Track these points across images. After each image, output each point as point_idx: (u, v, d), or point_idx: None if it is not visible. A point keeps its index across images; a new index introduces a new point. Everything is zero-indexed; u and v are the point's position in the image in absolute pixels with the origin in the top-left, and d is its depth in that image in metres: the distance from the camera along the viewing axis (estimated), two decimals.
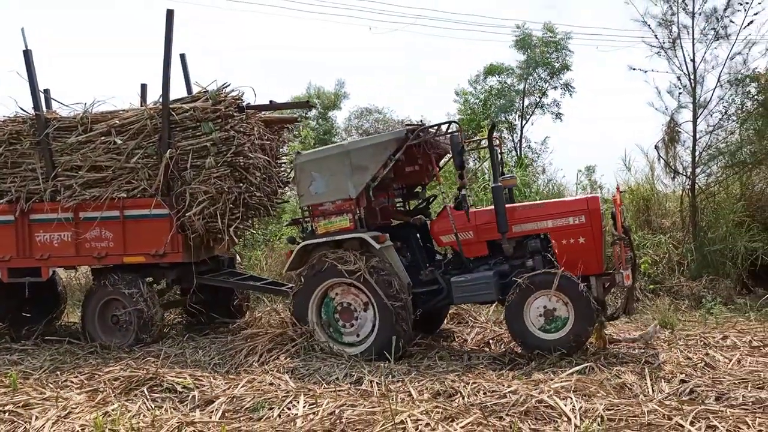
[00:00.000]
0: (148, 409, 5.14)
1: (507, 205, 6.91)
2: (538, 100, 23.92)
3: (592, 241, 6.65)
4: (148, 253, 7.84)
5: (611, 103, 41.99)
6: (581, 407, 4.70)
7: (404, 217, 8.02)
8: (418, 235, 7.75)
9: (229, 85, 7.85)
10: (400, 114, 30.63)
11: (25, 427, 4.75)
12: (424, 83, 48.15)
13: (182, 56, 9.05)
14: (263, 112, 8.53)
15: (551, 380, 5.42)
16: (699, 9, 10.06)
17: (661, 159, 10.86)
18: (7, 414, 5.05)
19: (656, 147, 10.80)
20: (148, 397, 5.44)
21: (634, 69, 10.51)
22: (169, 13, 7.82)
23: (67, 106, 8.35)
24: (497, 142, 7.29)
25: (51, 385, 5.94)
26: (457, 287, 6.76)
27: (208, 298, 8.69)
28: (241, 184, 7.69)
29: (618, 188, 7.47)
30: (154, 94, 9.65)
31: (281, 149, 9.07)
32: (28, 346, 7.83)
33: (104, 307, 7.96)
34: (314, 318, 6.94)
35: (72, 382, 6.14)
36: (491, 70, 23.63)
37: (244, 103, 7.96)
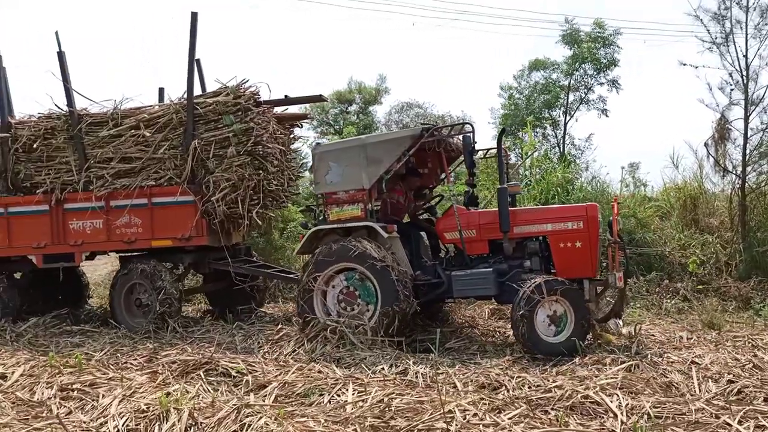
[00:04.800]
0: (206, 391, 5.38)
1: (510, 208, 7.15)
2: (583, 96, 23.66)
3: (588, 246, 6.87)
4: (175, 237, 8.28)
5: (660, 99, 41.14)
6: (627, 404, 4.75)
7: (416, 220, 8.41)
8: (423, 232, 8.03)
9: (247, 81, 8.33)
10: (441, 109, 30.60)
11: (93, 404, 5.04)
12: (465, 79, 47.99)
13: (198, 61, 9.31)
14: (276, 109, 8.89)
15: (596, 377, 5.47)
16: (754, 4, 9.86)
17: (711, 157, 10.67)
18: (75, 392, 5.37)
19: (705, 144, 10.61)
20: (204, 380, 5.68)
21: (684, 64, 10.34)
22: (194, 16, 8.31)
23: (96, 102, 8.80)
24: (504, 152, 7.52)
25: (113, 367, 6.24)
26: (457, 281, 7.07)
27: (226, 285, 9.15)
28: (260, 172, 8.09)
29: (615, 199, 7.66)
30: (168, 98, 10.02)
31: (292, 145, 9.48)
32: (87, 330, 8.23)
33: (128, 292, 8.47)
34: (319, 304, 7.20)
35: (132, 364, 6.44)
36: (536, 65, 23.46)
37: (260, 98, 8.39)
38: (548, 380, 5.43)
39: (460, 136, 7.33)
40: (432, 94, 60.45)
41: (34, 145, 8.62)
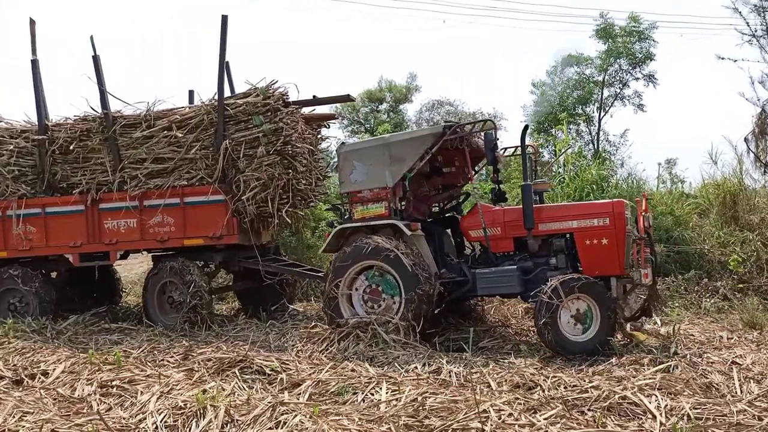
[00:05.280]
0: (241, 389, 5.44)
1: (535, 205, 7.11)
2: (618, 91, 23.26)
3: (614, 243, 6.75)
4: (207, 235, 8.41)
5: (698, 93, 40.23)
6: (666, 405, 4.65)
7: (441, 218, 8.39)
8: (448, 230, 8.03)
9: (276, 82, 8.41)
10: (472, 107, 30.40)
11: (132, 401, 5.14)
12: (497, 75, 47.63)
13: (227, 63, 9.40)
14: (304, 109, 8.95)
15: (634, 377, 5.37)
16: None
17: (751, 152, 10.45)
18: (114, 389, 5.49)
19: (746, 139, 10.42)
20: (239, 377, 5.74)
21: (722, 58, 10.19)
22: (224, 19, 8.45)
23: (130, 105, 8.99)
24: (532, 150, 7.43)
25: (150, 364, 6.35)
26: (481, 279, 7.07)
27: (256, 284, 9.23)
28: (289, 171, 8.19)
29: (644, 194, 7.52)
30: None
31: (319, 145, 9.55)
32: (125, 327, 8.39)
33: (160, 292, 8.60)
34: (346, 309, 7.24)
35: (168, 361, 6.54)
36: (569, 61, 23.14)
37: (289, 99, 8.46)
38: (584, 380, 5.34)
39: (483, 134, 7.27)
40: (463, 91, 60.23)
41: (71, 147, 8.83)
